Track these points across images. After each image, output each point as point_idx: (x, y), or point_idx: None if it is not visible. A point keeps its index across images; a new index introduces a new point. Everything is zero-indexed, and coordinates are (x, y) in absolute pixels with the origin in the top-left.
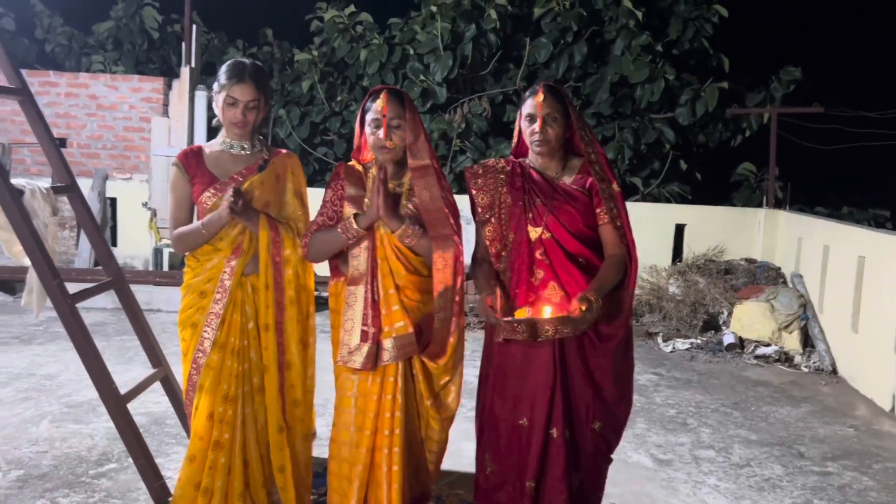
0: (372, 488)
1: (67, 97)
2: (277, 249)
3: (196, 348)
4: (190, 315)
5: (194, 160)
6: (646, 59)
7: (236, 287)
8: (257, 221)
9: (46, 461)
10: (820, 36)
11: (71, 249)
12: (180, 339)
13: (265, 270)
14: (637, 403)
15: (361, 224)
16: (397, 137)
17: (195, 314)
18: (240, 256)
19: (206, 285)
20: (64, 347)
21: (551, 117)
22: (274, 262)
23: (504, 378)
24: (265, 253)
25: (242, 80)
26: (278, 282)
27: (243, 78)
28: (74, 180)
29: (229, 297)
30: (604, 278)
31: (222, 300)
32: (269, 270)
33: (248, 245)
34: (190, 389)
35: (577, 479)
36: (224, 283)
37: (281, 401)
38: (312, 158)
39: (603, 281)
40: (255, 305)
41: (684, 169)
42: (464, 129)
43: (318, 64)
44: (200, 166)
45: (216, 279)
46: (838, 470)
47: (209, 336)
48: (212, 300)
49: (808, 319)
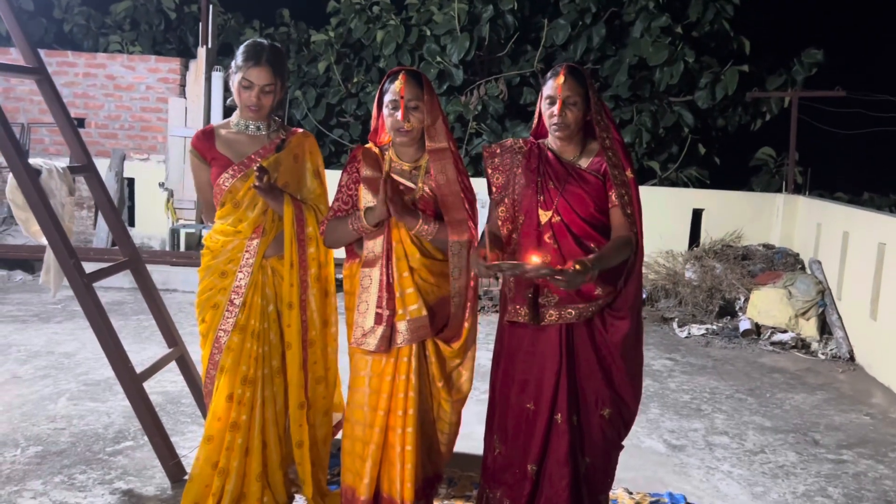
0: (385, 468)
1: (85, 77)
2: (301, 227)
3: (218, 328)
4: (210, 296)
5: (207, 143)
6: (665, 41)
7: (258, 267)
8: (282, 200)
9: (64, 438)
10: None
11: (89, 229)
12: (198, 320)
13: (290, 248)
14: (651, 388)
15: (370, 221)
16: (415, 119)
17: (216, 295)
18: (261, 237)
19: (226, 266)
20: (82, 326)
21: (571, 101)
22: (298, 239)
23: (513, 362)
24: (290, 230)
25: (259, 63)
26: (303, 259)
27: (260, 61)
28: (91, 160)
29: (251, 276)
30: (606, 253)
31: (245, 278)
32: (294, 248)
33: (270, 226)
34: (211, 368)
35: (584, 465)
36: (247, 262)
37: (303, 377)
38: (328, 140)
39: (605, 253)
40: (276, 287)
41: (703, 153)
42: (480, 111)
43: (335, 45)
44: (214, 149)
45: (237, 260)
46: (853, 458)
47: (232, 315)
48: (233, 280)
49: (826, 306)
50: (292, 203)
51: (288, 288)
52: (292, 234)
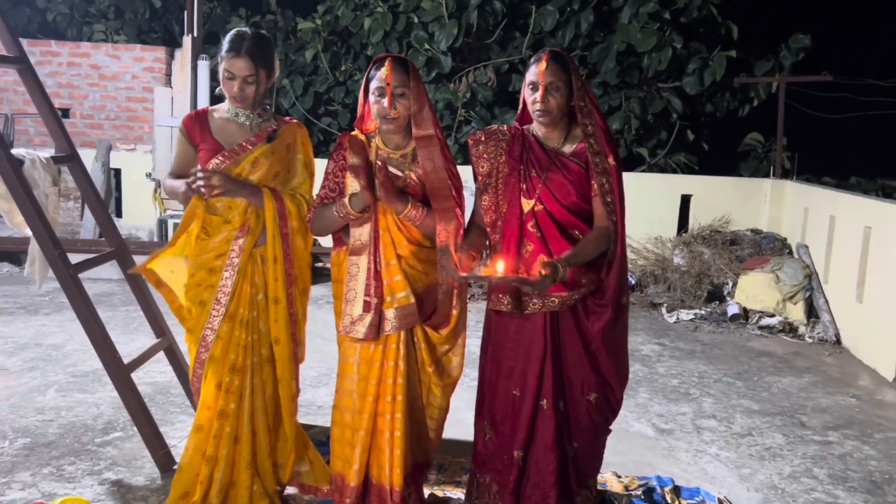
0: (374, 453)
1: (69, 67)
2: (284, 221)
3: (205, 326)
4: (198, 292)
5: (198, 126)
6: (653, 27)
7: (246, 262)
8: (261, 195)
9: (52, 430)
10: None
11: (76, 221)
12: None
13: (272, 243)
14: (640, 373)
15: (356, 207)
16: (401, 106)
17: (203, 292)
18: (247, 234)
19: (215, 261)
20: (69, 318)
21: (554, 86)
22: (282, 234)
23: (499, 349)
24: (272, 225)
25: (239, 54)
26: (287, 253)
27: (240, 52)
28: (75, 150)
29: (238, 273)
30: (581, 249)
31: (231, 278)
32: (277, 242)
33: (256, 222)
34: (198, 367)
35: (572, 450)
36: (233, 261)
37: (294, 369)
38: (316, 129)
39: (578, 250)
40: (265, 276)
41: (691, 139)
42: (469, 98)
43: (322, 33)
44: (205, 133)
45: (226, 254)
46: (839, 439)
47: (218, 315)
48: (220, 278)
49: (813, 290)
50: (273, 197)
51: (273, 283)
52: (275, 228)
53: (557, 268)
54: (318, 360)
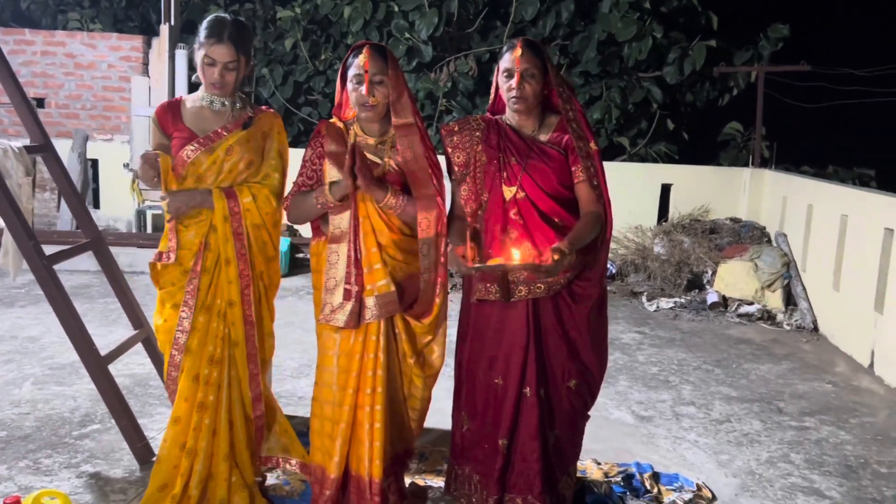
0: (354, 445)
1: (44, 56)
2: (237, 219)
3: (175, 329)
4: (173, 293)
5: (171, 115)
6: (633, 16)
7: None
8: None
9: (29, 423)
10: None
11: (52, 212)
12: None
13: (224, 246)
14: (620, 361)
15: (336, 195)
16: (380, 94)
17: (178, 293)
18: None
19: (188, 262)
20: (46, 310)
21: (529, 73)
22: (235, 233)
23: (480, 338)
24: (222, 226)
25: (221, 40)
26: (242, 254)
27: (222, 38)
28: (48, 139)
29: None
30: (579, 233)
31: (197, 279)
32: (230, 244)
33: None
34: (172, 370)
35: (553, 437)
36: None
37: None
38: (296, 119)
39: (578, 234)
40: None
41: (671, 128)
42: (450, 88)
43: (302, 21)
44: (178, 122)
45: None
46: (816, 425)
47: (187, 316)
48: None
49: (792, 278)
50: (223, 195)
51: (227, 286)
52: (226, 229)
53: (564, 252)
54: (299, 350)
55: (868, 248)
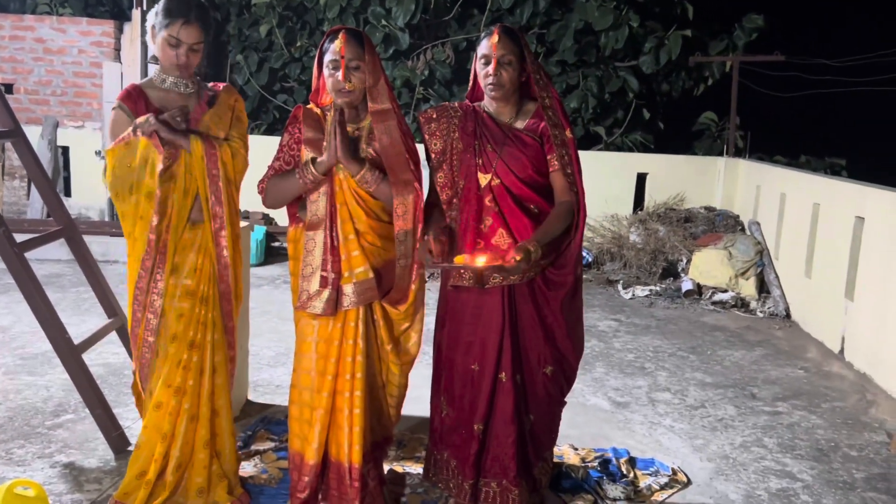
0: (333, 431)
1: (12, 40)
2: (214, 163)
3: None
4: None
5: (142, 103)
6: (610, 5)
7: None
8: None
9: (1, 413)
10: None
11: (22, 200)
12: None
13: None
14: (596, 349)
15: (319, 169)
16: (356, 79)
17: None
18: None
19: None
20: (16, 299)
21: (506, 59)
22: (210, 174)
23: (457, 324)
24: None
25: (189, 20)
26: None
27: (189, 19)
28: (18, 125)
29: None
30: (548, 226)
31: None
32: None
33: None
34: (147, 351)
35: (529, 422)
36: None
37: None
38: (272, 106)
39: (547, 228)
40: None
41: (647, 118)
42: (427, 76)
43: (277, 8)
44: (149, 107)
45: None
46: (788, 409)
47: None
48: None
49: (765, 266)
50: (202, 140)
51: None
52: (202, 169)
53: (530, 251)
54: (276, 339)
55: (839, 236)
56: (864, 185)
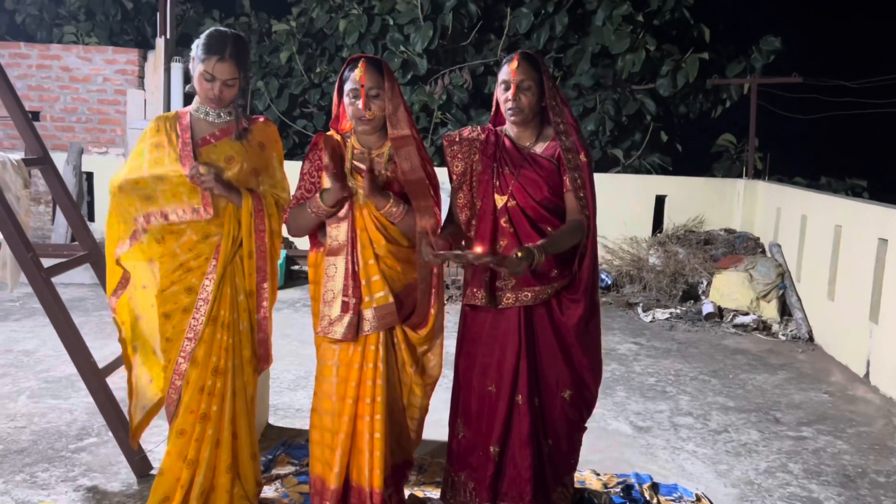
0: (354, 456)
1: (39, 69)
2: (261, 218)
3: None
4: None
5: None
6: (627, 29)
7: (226, 264)
8: (240, 194)
9: (25, 436)
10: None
11: (47, 225)
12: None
13: (248, 240)
14: (617, 372)
15: (327, 201)
16: (376, 107)
17: (181, 294)
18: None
19: (192, 262)
20: (41, 323)
21: (525, 85)
22: (257, 230)
23: (475, 345)
24: (248, 221)
25: (223, 58)
26: (262, 251)
27: (224, 56)
28: (47, 152)
29: (218, 275)
30: (556, 237)
31: (211, 285)
32: (253, 239)
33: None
34: (177, 378)
35: (547, 446)
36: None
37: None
38: (292, 131)
39: (555, 238)
40: (243, 273)
41: (665, 140)
42: (445, 100)
43: (297, 35)
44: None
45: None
46: (813, 434)
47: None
48: (201, 281)
49: (786, 288)
50: (251, 195)
51: (248, 277)
52: (250, 225)
53: (533, 252)
54: (296, 363)
55: (862, 258)
56: (887, 206)
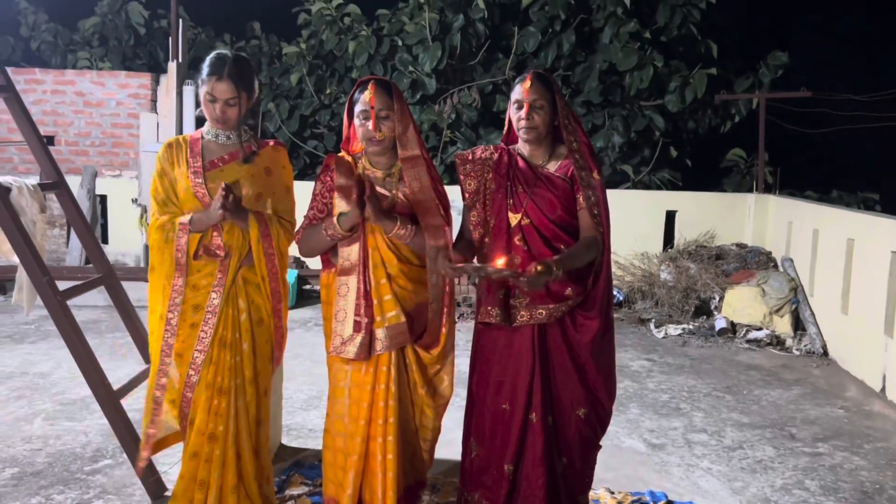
0: (367, 477)
1: (54, 94)
2: (269, 242)
3: (195, 348)
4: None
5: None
6: (634, 46)
7: (231, 284)
8: (247, 218)
9: (41, 459)
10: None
11: (61, 248)
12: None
13: (259, 264)
14: (630, 389)
15: (344, 226)
16: (386, 128)
17: (190, 311)
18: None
19: (201, 280)
20: (56, 345)
21: (538, 104)
22: (266, 254)
23: (488, 363)
24: (257, 247)
25: (221, 77)
26: (274, 273)
27: (221, 76)
28: (62, 177)
29: (223, 294)
30: (573, 252)
31: (218, 298)
32: (263, 262)
33: (242, 243)
34: (188, 390)
35: (561, 465)
36: (221, 282)
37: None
38: (303, 152)
39: (571, 254)
40: (248, 296)
41: (674, 156)
42: (454, 119)
43: (307, 57)
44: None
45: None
46: (829, 450)
47: (207, 336)
48: (207, 298)
49: (799, 303)
50: (258, 220)
51: (262, 302)
52: (259, 250)
53: (552, 267)
54: (309, 383)
55: (875, 271)
56: None
